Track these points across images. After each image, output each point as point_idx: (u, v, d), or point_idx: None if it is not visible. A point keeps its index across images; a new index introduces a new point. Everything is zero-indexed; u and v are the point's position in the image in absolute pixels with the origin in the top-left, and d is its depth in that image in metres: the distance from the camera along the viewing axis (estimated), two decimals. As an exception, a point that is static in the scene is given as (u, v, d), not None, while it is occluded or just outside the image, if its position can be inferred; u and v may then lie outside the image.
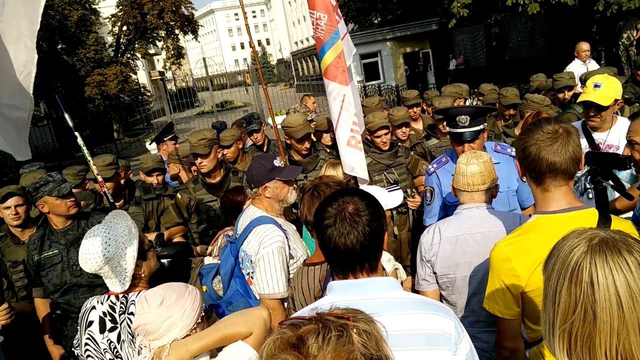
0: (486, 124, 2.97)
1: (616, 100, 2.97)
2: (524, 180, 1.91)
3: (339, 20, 3.38)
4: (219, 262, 2.87)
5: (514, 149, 2.92)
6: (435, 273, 2.39)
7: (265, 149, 4.91)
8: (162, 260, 3.48)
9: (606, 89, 2.92)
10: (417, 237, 3.14)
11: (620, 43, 9.99)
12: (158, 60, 52.36)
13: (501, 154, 2.99)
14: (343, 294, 1.47)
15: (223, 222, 3.34)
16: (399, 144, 4.24)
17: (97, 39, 25.30)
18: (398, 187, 2.99)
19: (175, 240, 3.81)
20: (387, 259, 2.70)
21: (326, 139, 4.52)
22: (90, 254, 2.03)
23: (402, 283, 2.65)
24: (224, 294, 2.77)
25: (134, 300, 2.11)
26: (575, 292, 1.07)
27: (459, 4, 15.06)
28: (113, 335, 2.12)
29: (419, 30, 24.73)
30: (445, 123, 4.24)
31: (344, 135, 3.37)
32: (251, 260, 2.57)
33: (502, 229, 2.24)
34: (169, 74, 40.24)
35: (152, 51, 37.17)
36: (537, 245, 1.71)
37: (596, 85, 2.93)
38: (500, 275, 1.82)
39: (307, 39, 46.96)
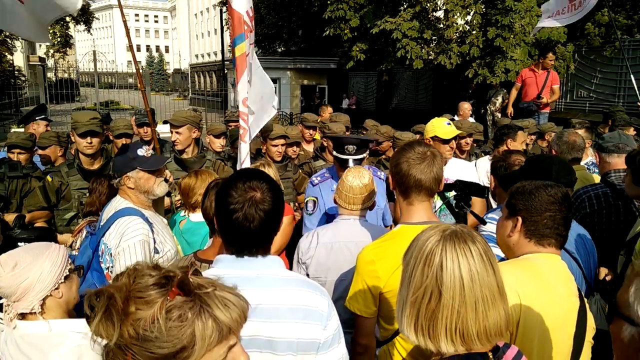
0: (367, 154, 3.27)
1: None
2: (395, 194, 2.14)
3: (251, 29, 3.46)
4: (77, 254, 2.72)
5: (383, 174, 3.27)
6: (308, 275, 2.52)
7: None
8: (20, 244, 3.21)
9: (453, 124, 3.61)
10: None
11: (487, 108, 11.29)
12: (40, 45, 47.97)
13: (377, 178, 3.28)
14: (231, 267, 1.54)
15: (89, 210, 3.15)
16: (290, 160, 4.41)
17: (-29, 8, 22.57)
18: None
19: (37, 225, 3.52)
20: None
21: (216, 144, 4.54)
22: None
23: None
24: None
25: None
26: (427, 273, 1.25)
27: (357, 48, 16.14)
28: None
29: (318, 66, 25.77)
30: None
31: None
32: (111, 254, 2.46)
33: (373, 240, 2.45)
34: (50, 62, 37.00)
35: (35, 34, 34.00)
36: (398, 251, 1.89)
37: (448, 123, 3.60)
38: (364, 276, 1.99)
39: (208, 54, 46.41)
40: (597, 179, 3.51)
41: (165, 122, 4.96)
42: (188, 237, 3.07)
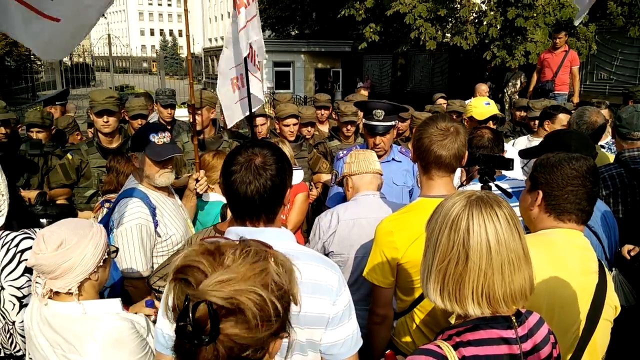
0: (397, 122, 3.21)
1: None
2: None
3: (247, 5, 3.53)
4: None
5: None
6: (330, 252, 2.53)
7: (169, 127, 4.80)
8: (42, 220, 3.27)
9: (493, 104, 3.33)
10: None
11: (505, 91, 11.15)
12: (55, 29, 48.14)
13: (404, 155, 3.27)
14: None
15: (107, 188, 3.19)
16: (304, 140, 4.41)
17: (-12, -8, 22.74)
18: (299, 167, 3.13)
19: (58, 202, 3.59)
20: None
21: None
22: None
23: None
24: None
25: None
26: (453, 238, 1.26)
27: (370, 29, 15.95)
28: None
29: (332, 49, 25.57)
30: (349, 127, 4.56)
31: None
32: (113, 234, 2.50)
33: (393, 215, 2.46)
34: (66, 46, 37.10)
35: (50, 18, 34.13)
36: (417, 223, 1.91)
37: (487, 103, 3.33)
38: (382, 247, 2.00)
39: (222, 38, 46.18)
40: (612, 159, 3.44)
41: (183, 104, 4.96)
42: (200, 217, 3.10)
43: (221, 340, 0.88)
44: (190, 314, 0.87)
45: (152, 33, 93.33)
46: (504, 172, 2.62)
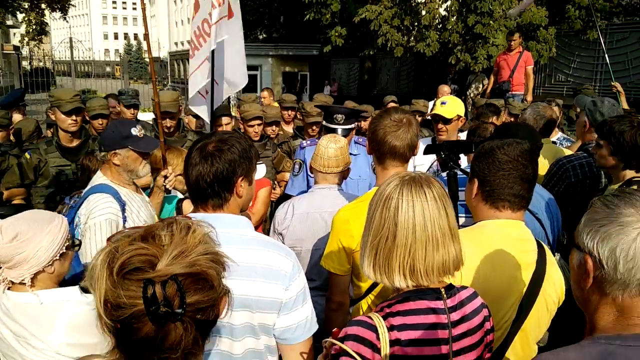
0: (356, 124, 3.32)
1: (459, 116, 3.41)
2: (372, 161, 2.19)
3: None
4: None
5: None
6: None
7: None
8: (-2, 221, 3.21)
9: (450, 105, 3.37)
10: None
11: (468, 93, 11.43)
12: (15, 34, 46.88)
13: (361, 145, 3.35)
14: None
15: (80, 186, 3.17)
16: (269, 139, 4.45)
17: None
18: (262, 162, 3.18)
19: (15, 202, 3.52)
20: None
21: (194, 124, 4.58)
22: None
23: None
24: None
25: None
26: (384, 215, 1.34)
27: (336, 33, 16.16)
28: None
29: (300, 53, 25.69)
30: (314, 127, 4.63)
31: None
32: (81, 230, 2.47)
33: (348, 209, 2.51)
34: (25, 50, 36.14)
35: (9, 22, 33.22)
36: (371, 211, 1.97)
37: (443, 103, 3.39)
38: (339, 236, 2.06)
39: (188, 42, 45.69)
40: (567, 153, 3.57)
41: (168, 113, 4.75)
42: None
43: (188, 310, 0.91)
44: (162, 294, 0.88)
45: (115, 37, 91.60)
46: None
